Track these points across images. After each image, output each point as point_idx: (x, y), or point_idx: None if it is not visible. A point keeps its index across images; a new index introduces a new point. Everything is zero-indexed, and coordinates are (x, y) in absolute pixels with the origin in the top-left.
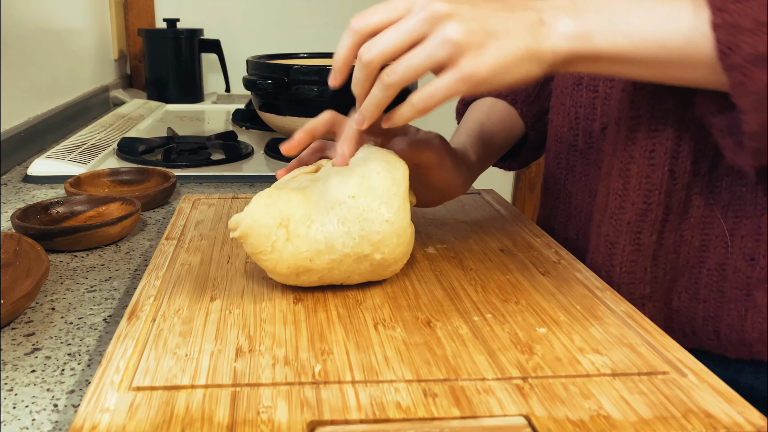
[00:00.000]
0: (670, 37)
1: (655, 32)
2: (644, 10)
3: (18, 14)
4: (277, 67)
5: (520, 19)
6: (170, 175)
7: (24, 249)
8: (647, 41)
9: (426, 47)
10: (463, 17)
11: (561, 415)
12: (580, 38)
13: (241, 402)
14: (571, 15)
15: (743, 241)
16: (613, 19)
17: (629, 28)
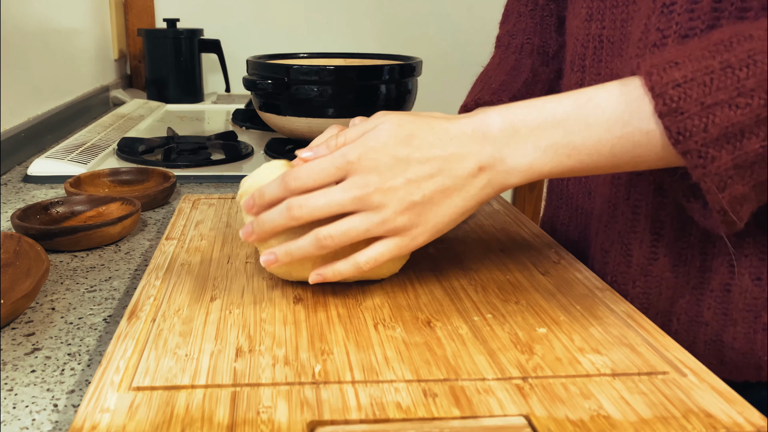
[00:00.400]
0: (614, 144)
1: (600, 146)
2: (584, 125)
3: (18, 14)
4: (277, 67)
5: (456, 176)
6: (170, 175)
7: (24, 249)
8: (593, 156)
9: (364, 223)
10: (399, 201)
11: (561, 415)
12: (526, 173)
13: (241, 402)
14: (512, 152)
15: (748, 260)
16: (555, 146)
17: (573, 150)
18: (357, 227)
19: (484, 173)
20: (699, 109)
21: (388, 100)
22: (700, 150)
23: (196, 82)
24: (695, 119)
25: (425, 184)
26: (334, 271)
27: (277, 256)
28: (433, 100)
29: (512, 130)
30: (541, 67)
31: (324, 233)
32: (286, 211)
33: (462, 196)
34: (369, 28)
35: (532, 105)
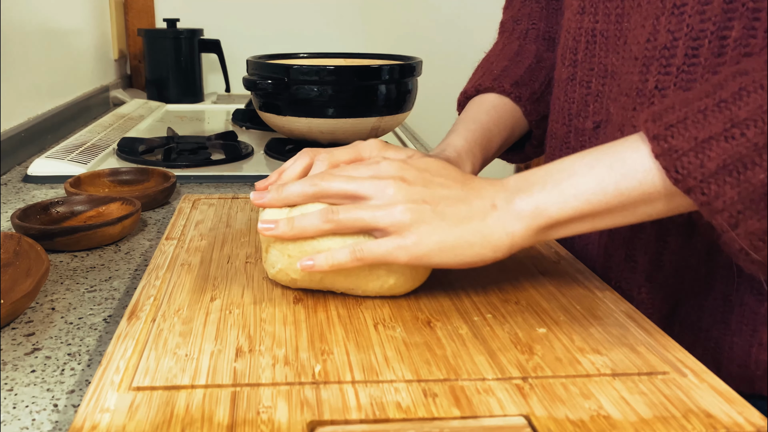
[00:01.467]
0: (620, 183)
1: (605, 185)
2: (588, 168)
3: (18, 14)
4: (277, 67)
5: (472, 206)
6: (170, 175)
7: (24, 249)
8: (599, 195)
9: (372, 210)
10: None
11: (561, 415)
12: (534, 215)
13: (241, 402)
14: (521, 195)
15: (751, 275)
16: (561, 187)
17: (578, 190)
18: (364, 211)
19: (497, 211)
20: (693, 144)
21: (388, 100)
22: (701, 186)
23: (196, 82)
24: (690, 155)
25: (441, 202)
26: (328, 256)
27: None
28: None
29: (523, 181)
30: (546, 53)
31: (333, 208)
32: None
33: (473, 225)
34: (369, 28)
35: (545, 165)
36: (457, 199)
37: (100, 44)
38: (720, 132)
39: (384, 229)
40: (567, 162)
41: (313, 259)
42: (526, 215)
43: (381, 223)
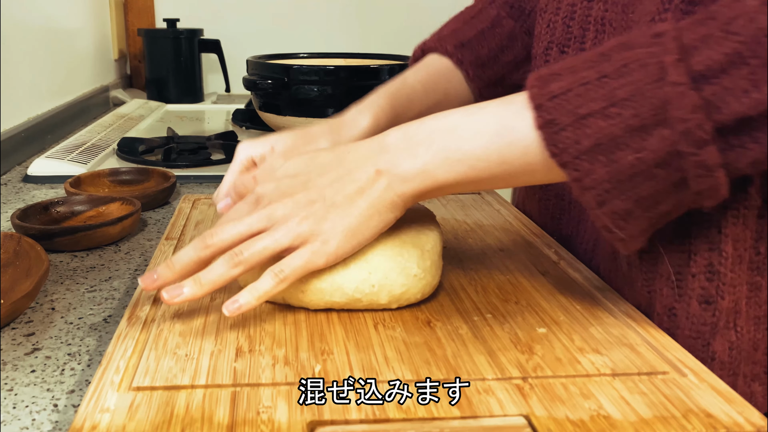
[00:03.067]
0: (503, 151)
1: (489, 152)
2: (473, 132)
3: (18, 14)
4: (277, 67)
5: (356, 180)
6: (170, 175)
7: (24, 249)
8: (482, 161)
9: (271, 234)
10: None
11: (561, 415)
12: (420, 178)
13: (241, 402)
14: (406, 156)
15: (694, 281)
16: (446, 149)
17: (463, 155)
18: (264, 240)
19: (383, 177)
20: (573, 120)
21: None
22: (575, 162)
23: (196, 82)
24: (569, 130)
25: (326, 191)
26: (251, 289)
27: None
28: None
29: (407, 139)
30: (506, 20)
31: (235, 250)
32: (207, 242)
33: (366, 199)
34: (369, 28)
35: (428, 118)
36: (340, 179)
37: (100, 44)
38: (598, 110)
39: (290, 246)
40: (452, 120)
41: (237, 300)
42: (412, 177)
43: (285, 242)
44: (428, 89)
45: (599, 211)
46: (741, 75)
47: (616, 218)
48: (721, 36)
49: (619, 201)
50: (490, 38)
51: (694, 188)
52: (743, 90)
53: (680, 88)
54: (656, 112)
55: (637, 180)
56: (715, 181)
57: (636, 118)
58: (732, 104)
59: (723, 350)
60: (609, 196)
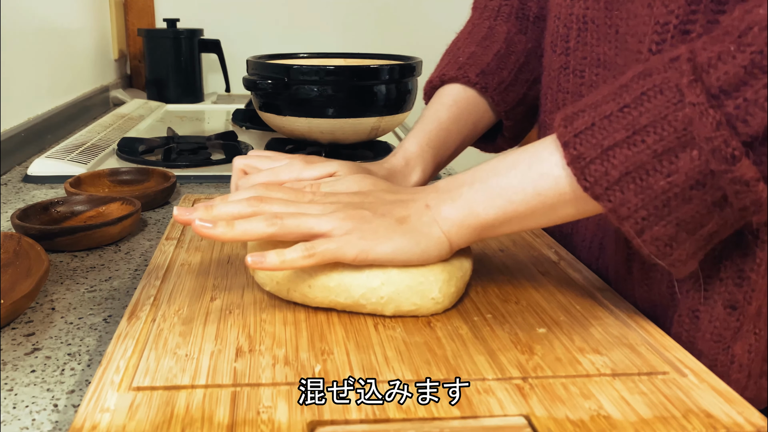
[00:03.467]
0: (537, 183)
1: (524, 184)
2: (509, 167)
3: (18, 14)
4: (277, 67)
5: (407, 208)
6: (170, 175)
7: (24, 249)
8: (520, 194)
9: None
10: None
11: (561, 415)
12: (464, 213)
13: (241, 402)
14: (451, 195)
15: (722, 285)
16: (486, 185)
17: (501, 189)
18: (308, 217)
19: (430, 210)
20: (599, 152)
21: (388, 100)
22: (607, 194)
23: (196, 82)
24: (597, 163)
25: (378, 208)
26: (281, 254)
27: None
28: None
29: (454, 182)
30: (517, 36)
31: (277, 213)
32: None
33: (412, 224)
34: (369, 28)
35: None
36: (394, 204)
37: (100, 44)
38: (623, 139)
39: (327, 233)
40: (492, 162)
41: (264, 257)
42: (455, 215)
43: (324, 227)
44: (460, 127)
45: (640, 239)
46: (762, 84)
47: (660, 244)
48: (736, 49)
49: (659, 227)
50: (507, 60)
51: (737, 205)
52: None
53: (699, 107)
54: (680, 135)
55: (673, 204)
56: (757, 195)
57: (660, 142)
58: (758, 115)
59: (743, 353)
60: (647, 224)
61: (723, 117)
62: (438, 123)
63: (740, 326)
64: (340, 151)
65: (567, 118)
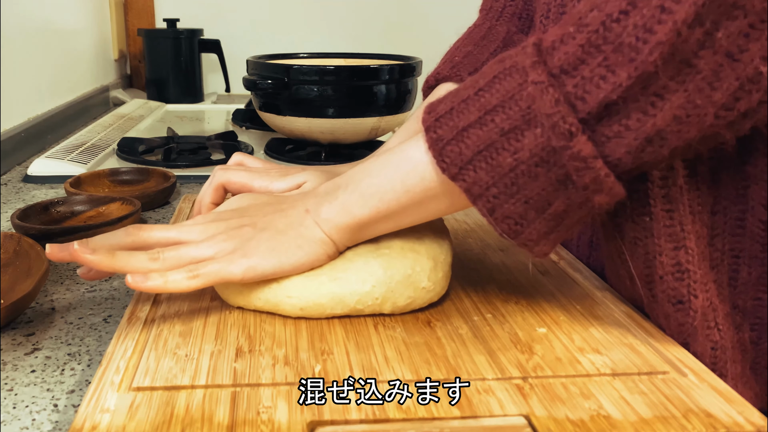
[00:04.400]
0: (405, 180)
1: (394, 182)
2: (380, 167)
3: (18, 14)
4: (277, 67)
5: (287, 216)
6: (170, 175)
7: (24, 249)
8: (389, 192)
9: (196, 245)
10: (230, 228)
11: (561, 415)
12: (341, 215)
13: (241, 402)
14: (329, 199)
15: (663, 282)
16: (359, 188)
17: (375, 189)
18: (188, 247)
19: (310, 215)
20: (455, 133)
21: (388, 100)
22: (462, 173)
23: (196, 82)
24: (452, 144)
25: (258, 220)
26: (164, 277)
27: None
28: None
29: (332, 185)
30: (516, 35)
31: (159, 249)
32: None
33: (294, 230)
34: (369, 28)
35: (350, 168)
36: (274, 215)
37: (100, 44)
38: (475, 120)
39: (212, 257)
40: (367, 163)
41: (147, 278)
42: (333, 216)
43: (206, 253)
44: None
45: (492, 218)
46: (597, 63)
47: (511, 223)
48: (575, 30)
49: (509, 205)
50: None
51: (579, 183)
52: (600, 76)
53: (540, 86)
54: (524, 113)
55: (521, 181)
56: (596, 172)
57: (507, 121)
58: (593, 92)
59: (704, 351)
60: (498, 201)
61: (561, 95)
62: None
63: (692, 321)
64: (340, 151)
65: (431, 105)
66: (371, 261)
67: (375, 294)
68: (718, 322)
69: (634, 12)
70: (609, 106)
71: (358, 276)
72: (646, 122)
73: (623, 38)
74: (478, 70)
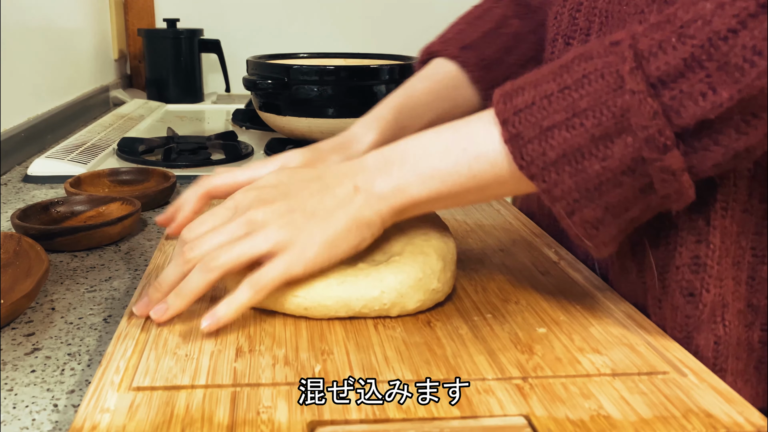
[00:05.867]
0: (473, 165)
1: (459, 167)
2: (443, 149)
3: (18, 14)
4: (277, 67)
5: (335, 195)
6: (170, 175)
7: (24, 249)
8: (454, 176)
9: (249, 240)
10: (280, 215)
11: (561, 415)
12: (395, 194)
13: (241, 402)
14: (381, 175)
15: (678, 273)
16: (419, 168)
17: (435, 171)
18: (242, 245)
19: (360, 193)
20: (537, 132)
21: None
22: (543, 173)
23: (196, 82)
24: (534, 143)
25: (306, 202)
26: (229, 302)
27: (168, 305)
28: None
29: (383, 159)
30: (512, 19)
31: (210, 255)
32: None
33: (345, 213)
34: (369, 28)
35: (402, 139)
36: (321, 194)
37: (100, 44)
38: (562, 121)
39: (268, 252)
40: (424, 140)
41: (215, 314)
42: (388, 195)
43: (263, 248)
44: (435, 98)
45: (570, 220)
46: (698, 78)
47: (588, 227)
48: (677, 41)
49: (589, 210)
50: (495, 39)
51: (661, 192)
52: (701, 93)
53: (639, 95)
54: (617, 121)
55: (604, 188)
56: (681, 185)
57: (598, 127)
58: (691, 108)
59: (707, 345)
60: (578, 205)
61: (660, 107)
62: (409, 90)
63: (700, 315)
64: None
65: (506, 94)
66: (381, 267)
67: (384, 300)
68: (726, 318)
69: (744, 33)
70: (704, 123)
71: (368, 281)
72: (738, 140)
73: (730, 58)
74: (467, 47)
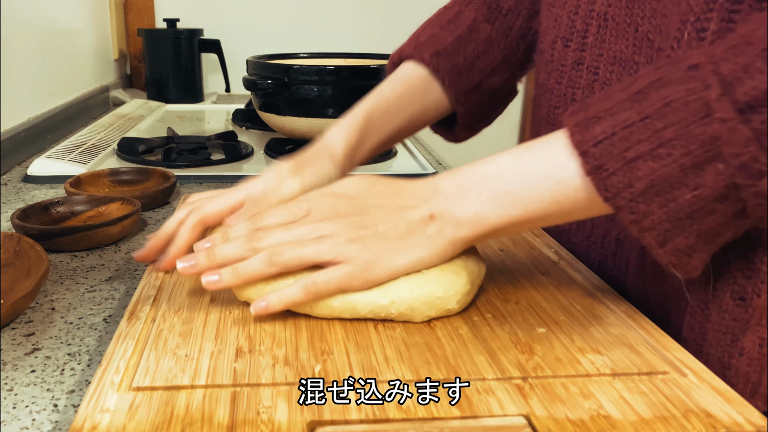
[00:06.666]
0: (555, 190)
1: (541, 192)
2: (523, 175)
3: (18, 14)
4: (277, 67)
5: (410, 220)
6: (170, 175)
7: (24, 249)
8: (535, 202)
9: (316, 245)
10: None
11: (561, 415)
12: (472, 224)
13: (241, 402)
14: (458, 203)
15: (731, 278)
16: (498, 196)
17: (515, 198)
18: (308, 247)
19: (435, 222)
20: (622, 164)
21: None
22: (631, 205)
23: (196, 82)
24: (619, 175)
25: (379, 223)
26: (281, 296)
27: (221, 278)
28: None
29: (458, 185)
30: (482, 24)
31: (276, 249)
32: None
33: (417, 240)
34: (369, 28)
35: (477, 163)
36: (394, 214)
37: (100, 44)
38: (647, 152)
39: (331, 261)
40: (500, 165)
41: (266, 300)
42: (466, 223)
43: (326, 256)
44: (405, 103)
45: (662, 250)
46: None
47: (680, 255)
48: (763, 64)
49: (681, 239)
50: (466, 45)
51: (754, 215)
52: None
53: (729, 123)
54: (707, 149)
55: (696, 216)
56: None
57: (687, 156)
58: None
59: (752, 346)
60: (670, 235)
61: (751, 133)
62: (379, 94)
63: (749, 318)
64: None
65: (581, 124)
66: (401, 279)
67: (391, 309)
68: None
69: None
70: None
71: (381, 289)
72: None
73: None
74: (440, 53)
